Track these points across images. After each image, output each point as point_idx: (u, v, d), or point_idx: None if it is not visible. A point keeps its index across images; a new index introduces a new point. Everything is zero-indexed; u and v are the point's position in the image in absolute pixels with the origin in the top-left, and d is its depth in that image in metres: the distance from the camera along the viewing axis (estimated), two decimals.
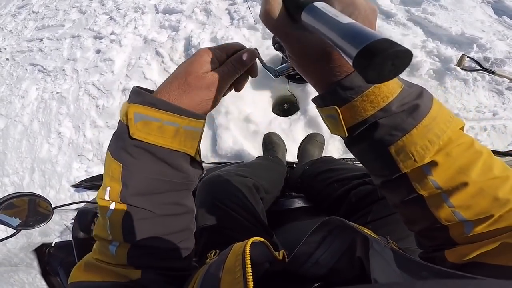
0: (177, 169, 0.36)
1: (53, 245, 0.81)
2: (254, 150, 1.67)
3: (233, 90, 0.42)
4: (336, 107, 0.30)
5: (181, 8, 2.52)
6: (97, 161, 1.97)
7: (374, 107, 0.29)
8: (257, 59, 0.40)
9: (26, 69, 2.72)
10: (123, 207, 0.35)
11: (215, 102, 0.37)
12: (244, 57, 0.37)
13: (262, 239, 0.35)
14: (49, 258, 0.80)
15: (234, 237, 0.56)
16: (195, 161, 0.39)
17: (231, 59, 0.37)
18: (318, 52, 0.30)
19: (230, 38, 2.12)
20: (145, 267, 0.36)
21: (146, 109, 0.32)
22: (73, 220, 0.86)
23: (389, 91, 0.29)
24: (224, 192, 0.64)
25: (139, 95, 0.33)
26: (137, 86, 0.35)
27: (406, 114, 0.29)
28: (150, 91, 0.35)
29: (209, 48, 0.36)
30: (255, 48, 0.39)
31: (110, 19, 2.77)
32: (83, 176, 1.90)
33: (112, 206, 0.35)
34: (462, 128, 0.31)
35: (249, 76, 0.42)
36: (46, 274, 0.80)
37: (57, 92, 2.40)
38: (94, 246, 0.38)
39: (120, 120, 0.35)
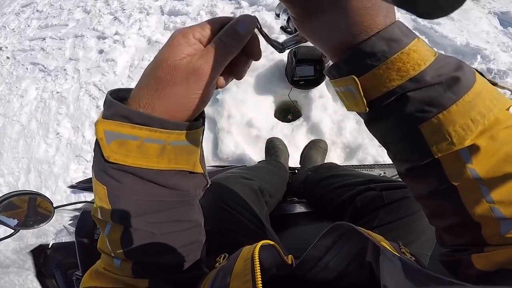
0: (172, 188, 0.31)
1: (50, 246, 0.79)
2: (256, 155, 1.66)
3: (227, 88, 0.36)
4: (354, 77, 0.25)
5: (187, 10, 2.51)
6: None
7: (402, 76, 0.24)
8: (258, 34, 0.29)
9: (27, 68, 2.70)
10: (120, 227, 0.31)
11: (204, 97, 0.27)
12: (238, 27, 0.26)
13: (272, 242, 0.32)
14: (46, 260, 0.77)
15: (240, 240, 0.55)
16: (196, 173, 0.32)
17: (219, 34, 0.27)
18: (331, 5, 0.24)
19: None
20: (152, 278, 0.34)
21: (118, 125, 0.25)
22: (70, 221, 0.84)
23: (420, 58, 0.24)
24: (230, 194, 0.63)
25: (110, 106, 0.26)
26: (113, 91, 0.28)
27: (444, 87, 0.24)
28: (129, 91, 0.28)
29: (187, 28, 0.27)
30: (254, 16, 0.27)
31: (115, 19, 2.76)
32: (81, 178, 1.87)
33: (109, 225, 0.31)
34: (508, 109, 0.26)
35: (251, 61, 0.31)
36: (41, 276, 0.78)
37: (57, 92, 2.38)
38: (102, 255, 0.36)
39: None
